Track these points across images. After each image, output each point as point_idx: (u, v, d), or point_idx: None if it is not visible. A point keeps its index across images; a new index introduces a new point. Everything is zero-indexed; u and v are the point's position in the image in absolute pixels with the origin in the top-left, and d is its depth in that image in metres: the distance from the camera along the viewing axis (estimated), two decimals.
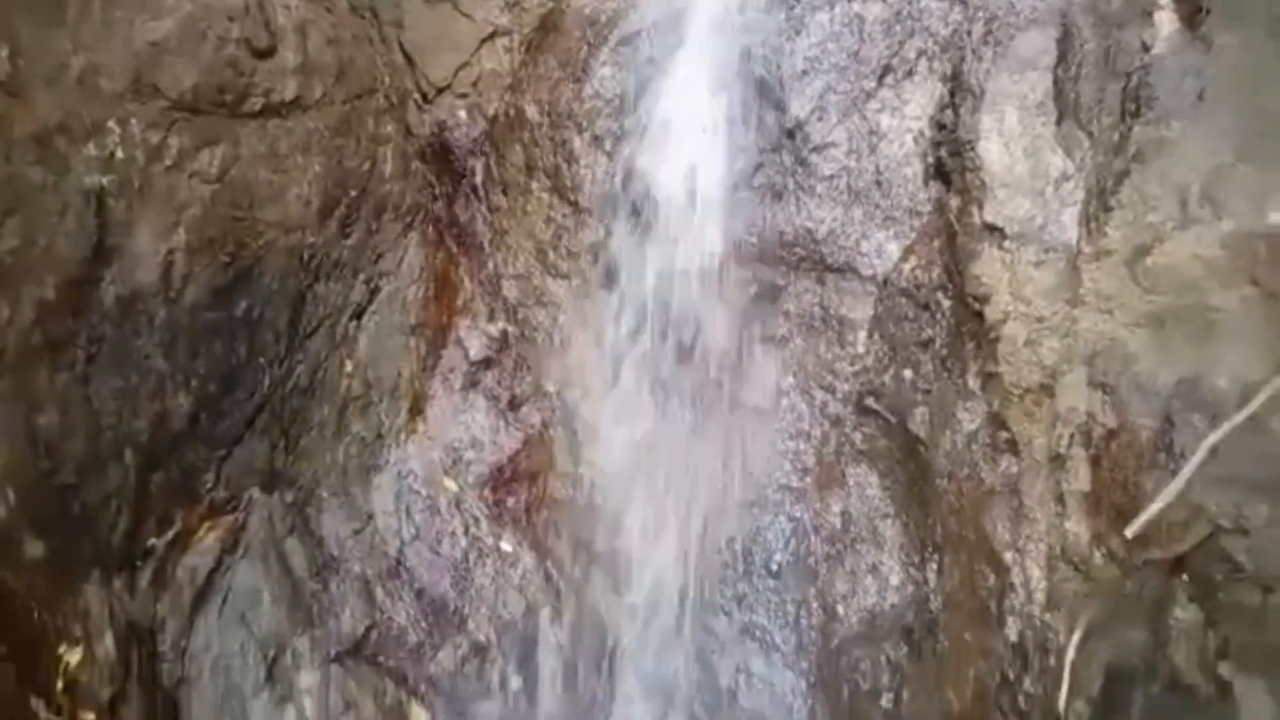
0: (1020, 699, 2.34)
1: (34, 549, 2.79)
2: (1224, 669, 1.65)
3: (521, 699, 3.49)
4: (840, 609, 3.44)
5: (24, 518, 2.78)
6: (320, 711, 3.15)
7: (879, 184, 3.47)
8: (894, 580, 3.35)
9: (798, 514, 3.66)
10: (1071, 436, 2.20)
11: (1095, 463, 2.16)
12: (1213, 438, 1.76)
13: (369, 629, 3.42)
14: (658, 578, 3.69)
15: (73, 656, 2.77)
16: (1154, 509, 1.78)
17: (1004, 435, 2.55)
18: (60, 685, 2.70)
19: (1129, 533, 1.87)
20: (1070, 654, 1.99)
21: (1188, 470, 1.78)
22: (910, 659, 3.12)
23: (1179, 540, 1.86)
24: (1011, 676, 2.38)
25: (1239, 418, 1.75)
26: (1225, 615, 1.71)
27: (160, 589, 3.13)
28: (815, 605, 3.54)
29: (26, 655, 2.62)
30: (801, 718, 3.42)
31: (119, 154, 3.11)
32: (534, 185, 3.89)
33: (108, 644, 2.86)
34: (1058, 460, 2.27)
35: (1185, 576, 1.83)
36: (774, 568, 3.65)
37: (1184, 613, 1.79)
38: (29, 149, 2.91)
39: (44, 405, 2.89)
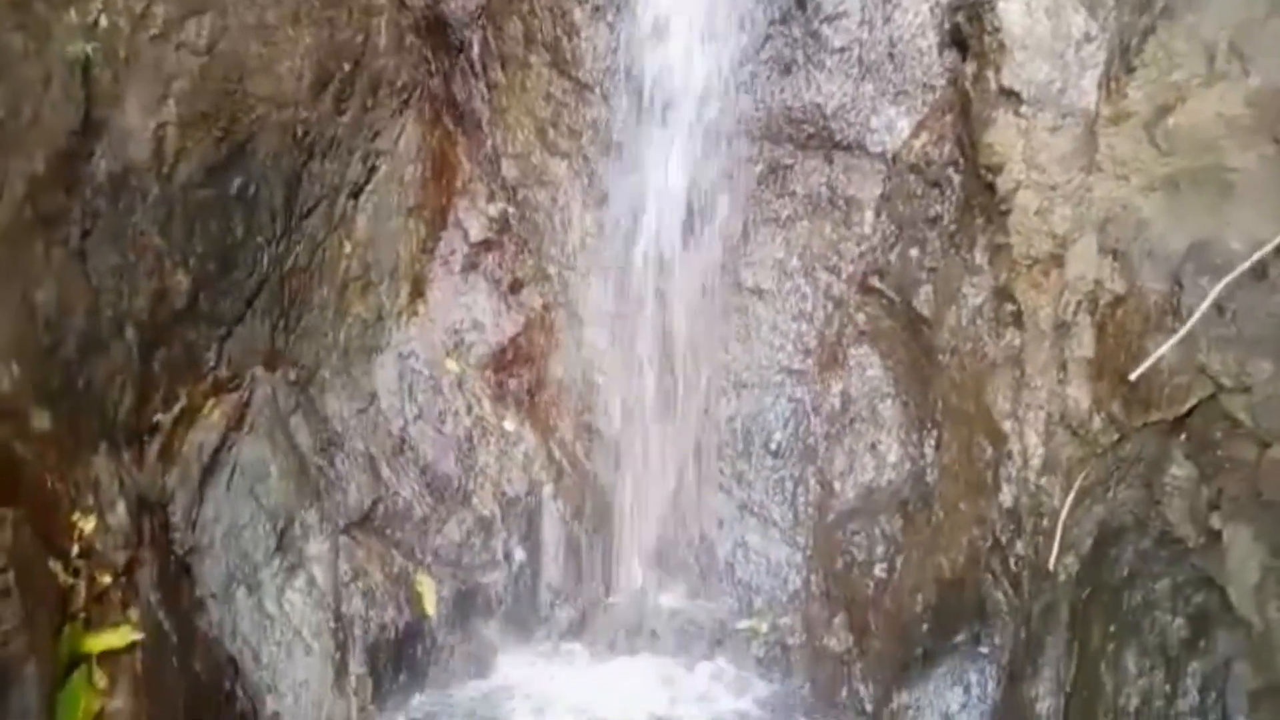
0: (1011, 560, 2.40)
1: (41, 421, 2.81)
2: (1215, 519, 1.69)
3: (525, 571, 3.59)
4: (837, 485, 3.51)
5: (29, 390, 2.79)
6: (329, 579, 3.24)
7: (892, 56, 3.35)
8: (891, 457, 3.40)
9: (798, 395, 3.69)
10: (1078, 304, 2.18)
11: (1100, 329, 2.15)
12: (1220, 285, 1.75)
13: (375, 503, 3.49)
14: (658, 457, 3.75)
15: (86, 524, 2.83)
16: (1161, 351, 1.78)
17: (1009, 308, 2.54)
18: (76, 550, 2.77)
19: (1132, 376, 1.89)
20: (1063, 515, 2.03)
21: (1197, 315, 1.77)
22: (905, 531, 3.20)
23: (1180, 402, 1.87)
24: (1004, 540, 2.44)
25: (1245, 265, 1.73)
26: (1220, 470, 1.73)
27: (168, 462, 3.17)
28: (813, 482, 3.61)
29: (42, 520, 2.67)
30: (796, 588, 3.53)
31: (102, 21, 3.01)
32: (533, 59, 3.77)
33: (120, 513, 2.92)
34: (1062, 328, 2.27)
35: (1184, 436, 1.85)
36: (773, 447, 3.70)
37: (1179, 470, 1.81)
38: (7, 14, 2.81)
39: (41, 280, 2.87)
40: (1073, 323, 2.24)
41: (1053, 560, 2.03)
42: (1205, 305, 1.72)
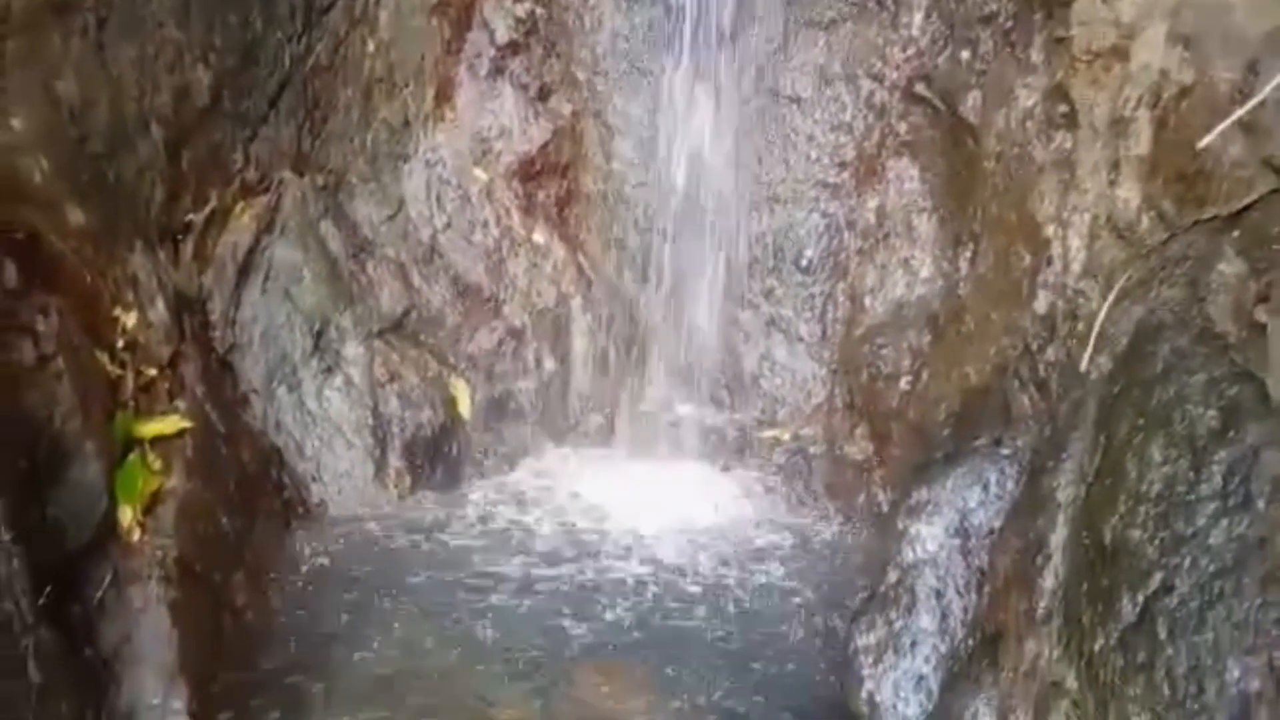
0: (1040, 366, 2.41)
1: (76, 216, 2.82)
2: (1260, 312, 1.67)
3: (556, 379, 3.66)
4: (867, 301, 3.50)
5: (61, 184, 2.79)
6: (366, 380, 3.33)
7: None
8: (924, 273, 3.37)
9: (832, 210, 3.62)
10: (1139, 99, 2.08)
11: (1160, 124, 2.06)
12: None
13: (407, 310, 3.53)
14: (687, 270, 3.73)
15: (128, 319, 2.89)
16: (1238, 114, 1.70)
17: (1062, 109, 2.43)
18: (120, 343, 2.85)
19: (1201, 144, 1.82)
20: (1101, 316, 2.02)
21: (1272, 85, 1.68)
22: (932, 344, 3.21)
23: (1239, 196, 1.81)
24: (1034, 347, 2.44)
25: None
26: (1274, 264, 1.70)
27: (203, 262, 3.20)
28: (842, 299, 3.60)
29: (84, 313, 2.73)
30: (820, 400, 3.59)
31: None
32: None
33: (160, 308, 2.98)
34: (1118, 126, 2.17)
35: (1237, 233, 1.80)
36: (804, 264, 3.67)
37: (1228, 266, 1.78)
38: None
39: (61, 70, 2.80)
40: (1130, 119, 2.14)
41: (1085, 360, 2.03)
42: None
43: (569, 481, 3.51)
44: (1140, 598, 1.67)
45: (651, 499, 3.41)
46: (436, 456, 3.42)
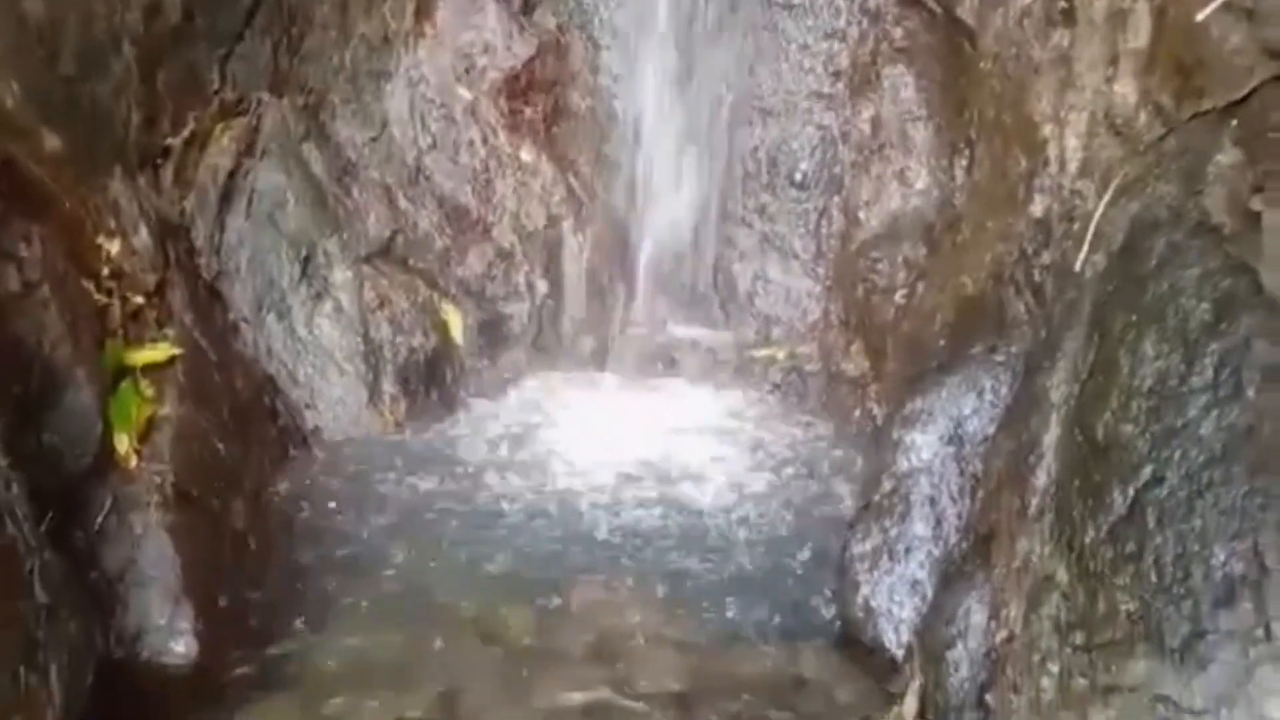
0: (1035, 271, 2.39)
1: (51, 142, 2.75)
2: (1256, 202, 1.64)
3: (548, 302, 3.64)
4: (862, 214, 3.46)
5: (33, 108, 2.71)
6: (356, 306, 3.30)
7: None
8: (919, 184, 3.32)
9: (826, 122, 3.55)
10: None
11: (1159, 14, 2.00)
12: None
13: (394, 233, 3.48)
14: (679, 189, 3.68)
15: (111, 246, 2.85)
16: None
17: (1060, 4, 2.36)
18: (105, 271, 2.81)
19: (1200, 15, 1.77)
20: (1097, 215, 1.99)
21: None
22: (928, 255, 3.19)
23: (1238, 86, 1.76)
24: (1030, 251, 2.42)
25: None
26: (1270, 154, 1.66)
27: (185, 187, 3.14)
28: (836, 213, 3.55)
29: (66, 241, 2.69)
30: (815, 318, 3.58)
31: None
32: None
33: (143, 235, 2.93)
34: (1117, 18, 2.11)
35: (1235, 122, 1.76)
36: (798, 178, 3.62)
37: (1225, 157, 1.74)
38: None
39: None
40: (1129, 10, 2.07)
41: (1080, 260, 2.01)
42: None
43: (563, 405, 3.51)
44: (1131, 490, 1.68)
45: (646, 421, 3.42)
46: (430, 382, 3.42)
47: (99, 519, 2.47)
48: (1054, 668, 1.75)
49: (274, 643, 2.48)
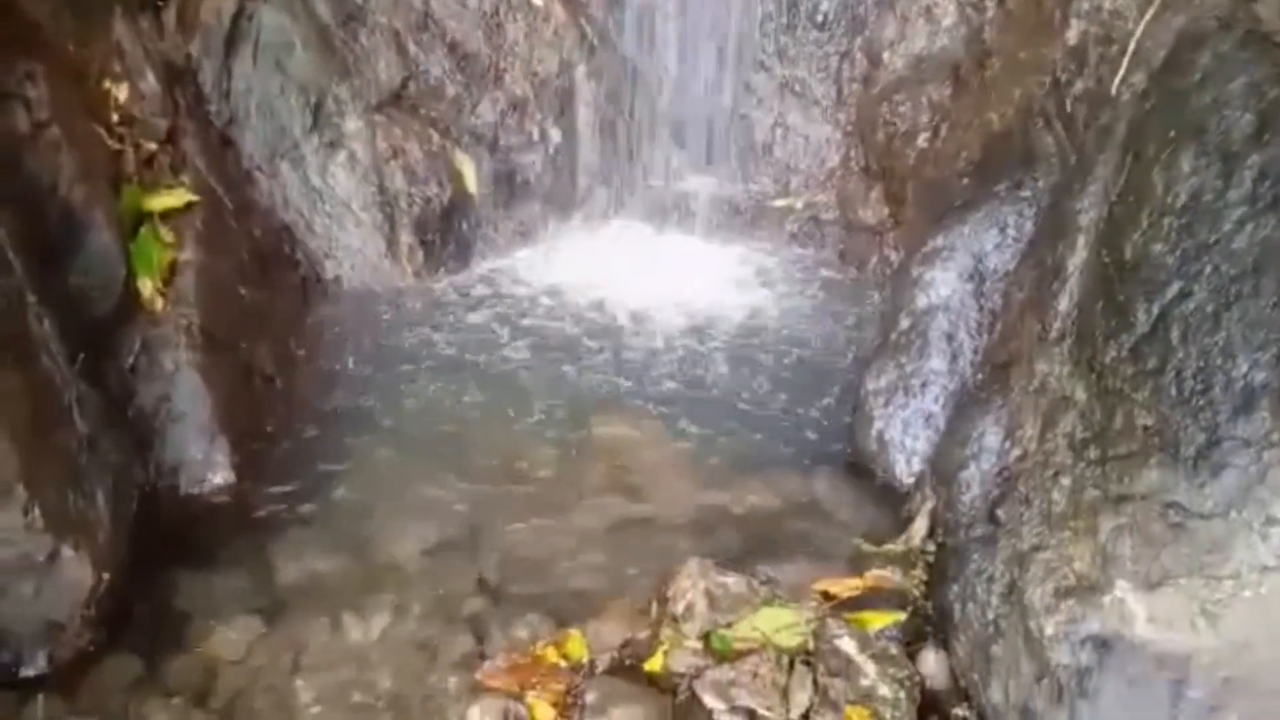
0: (1067, 102, 2.33)
1: None
2: None
3: (562, 152, 3.57)
4: (885, 56, 3.34)
5: None
6: (369, 155, 3.25)
7: None
8: (947, 20, 3.19)
9: None
10: None
11: None
12: None
13: (405, 81, 3.39)
14: (695, 34, 3.54)
15: (119, 91, 2.79)
16: None
17: None
18: (115, 117, 2.76)
19: None
20: (1139, 32, 1.92)
21: None
22: (953, 95, 3.09)
23: None
24: (1063, 80, 2.35)
25: None
26: None
27: (188, 30, 3.05)
28: (859, 55, 3.43)
29: (73, 84, 2.63)
30: (833, 165, 3.51)
31: None
32: None
33: (150, 80, 2.87)
34: None
35: None
36: (819, 18, 3.47)
37: None
38: None
39: None
40: None
41: (1117, 82, 1.95)
42: None
43: (579, 256, 3.50)
44: (1156, 307, 1.69)
45: (661, 271, 3.42)
46: (446, 233, 3.40)
47: (130, 359, 2.52)
48: (1066, 481, 1.80)
49: (304, 479, 2.56)
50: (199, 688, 1.99)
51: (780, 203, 3.56)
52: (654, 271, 3.39)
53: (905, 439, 2.48)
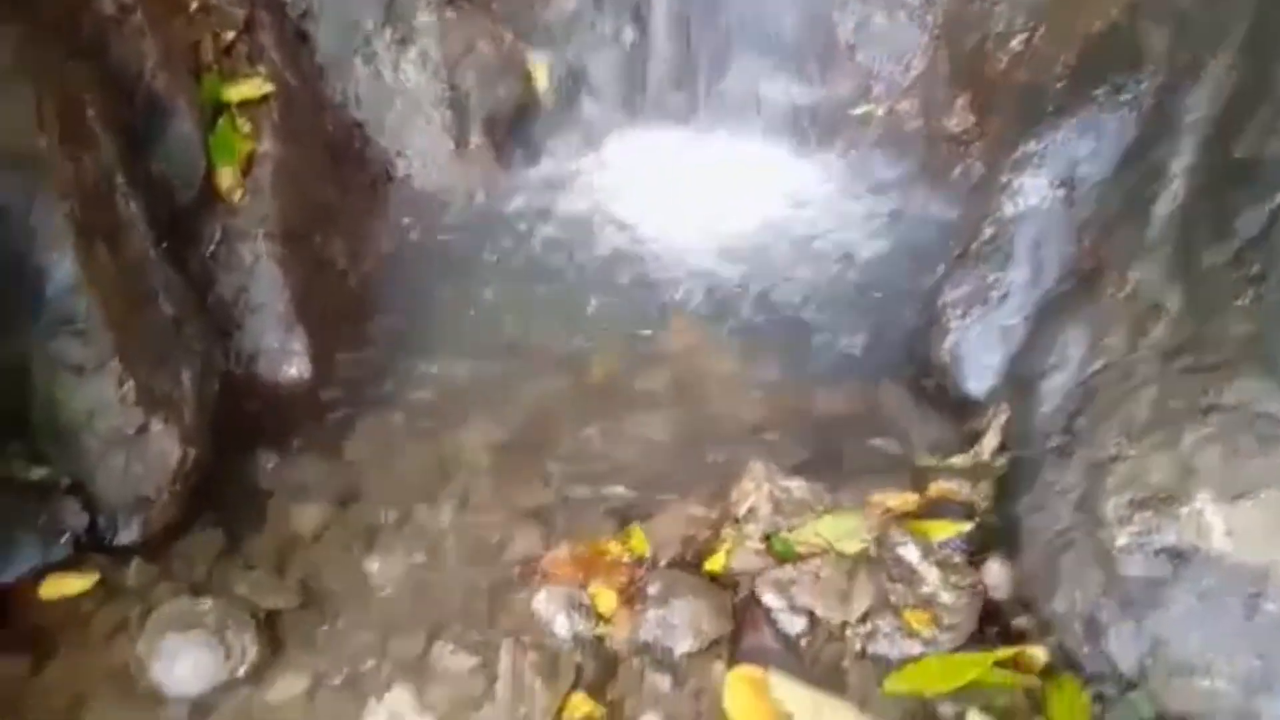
0: None
1: None
2: None
3: (635, 52, 3.47)
4: None
5: None
6: (441, 52, 3.21)
7: None
8: None
9: None
10: None
11: None
12: None
13: None
14: None
15: None
16: None
17: None
18: (194, 5, 2.77)
19: None
20: None
21: None
22: None
23: None
24: None
25: None
26: None
27: None
28: None
29: None
30: (919, 71, 3.35)
31: None
32: None
33: None
34: None
35: None
36: None
37: None
38: None
39: None
40: None
41: None
42: None
43: (649, 161, 3.43)
44: (1266, 210, 1.58)
45: (733, 178, 3.34)
46: (516, 133, 3.37)
47: (210, 249, 2.58)
48: (1151, 391, 1.73)
49: (376, 372, 2.62)
50: (277, 562, 2.08)
51: (860, 110, 3.43)
52: (725, 178, 3.32)
53: (980, 352, 2.41)
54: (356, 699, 1.79)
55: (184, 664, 1.77)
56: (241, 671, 1.81)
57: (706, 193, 3.26)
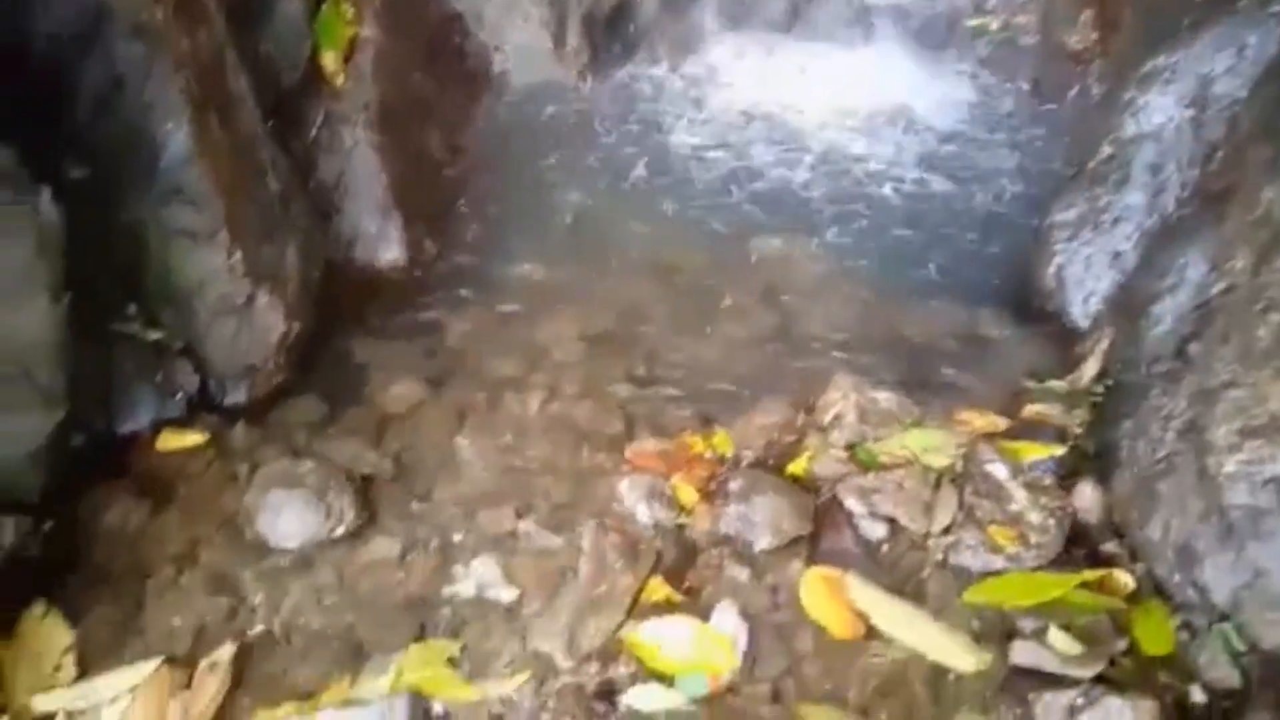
0: None
1: None
2: None
3: None
4: None
5: None
6: None
7: None
8: None
9: None
10: None
11: None
12: None
13: None
14: None
15: None
16: None
17: None
18: None
19: None
20: None
21: None
22: None
23: None
24: None
25: None
26: None
27: None
28: None
29: None
30: None
31: None
32: None
33: None
34: None
35: None
36: None
37: None
38: None
39: None
40: None
41: None
42: None
43: (749, 67, 3.35)
44: None
45: (837, 89, 3.24)
46: (614, 35, 3.31)
47: (312, 132, 2.62)
48: (1275, 318, 1.66)
49: (469, 262, 2.66)
50: (372, 435, 2.16)
51: (974, 21, 3.27)
52: (829, 89, 3.22)
53: (1086, 276, 2.33)
54: (445, 566, 1.87)
55: (288, 519, 1.87)
56: (340, 531, 1.90)
57: (807, 101, 3.17)
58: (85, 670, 1.68)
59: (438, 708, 1.65)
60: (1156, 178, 2.24)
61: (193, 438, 2.05)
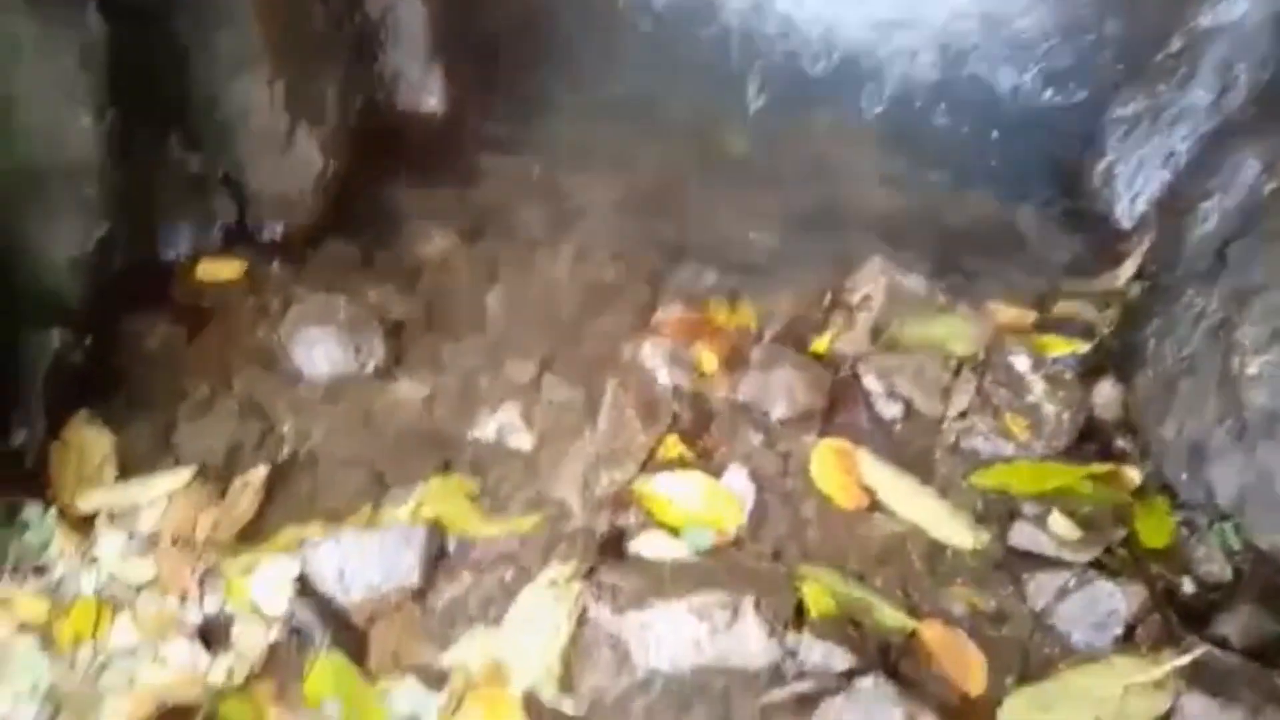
0: None
1: None
2: None
3: None
4: None
5: None
6: None
7: None
8: None
9: None
10: None
11: None
12: None
13: None
14: None
15: None
16: None
17: None
18: None
19: None
20: None
21: None
22: None
23: None
24: None
25: None
26: None
27: None
28: None
29: None
30: None
31: None
32: None
33: None
34: None
35: None
36: None
37: None
38: None
39: None
40: None
41: None
42: None
43: None
44: None
45: None
46: None
47: None
48: None
49: (510, 116, 2.63)
50: (404, 280, 2.19)
51: None
52: None
53: (1137, 176, 2.27)
54: (469, 409, 1.93)
55: (319, 352, 1.92)
56: (370, 368, 1.96)
57: None
58: (124, 477, 1.77)
59: (453, 541, 1.72)
60: (1224, 76, 2.15)
61: (230, 269, 2.09)
